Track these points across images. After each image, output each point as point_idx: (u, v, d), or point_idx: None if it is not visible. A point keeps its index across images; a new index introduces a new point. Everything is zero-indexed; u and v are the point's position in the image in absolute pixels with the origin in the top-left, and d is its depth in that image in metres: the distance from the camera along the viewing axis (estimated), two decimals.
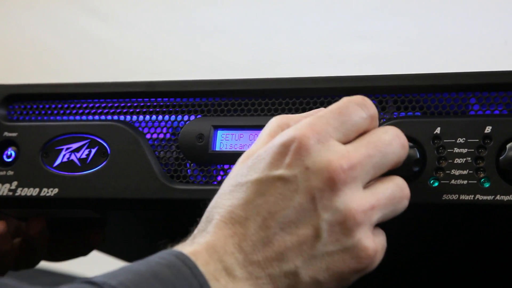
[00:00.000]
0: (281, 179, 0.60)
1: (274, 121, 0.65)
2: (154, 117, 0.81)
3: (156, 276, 0.56)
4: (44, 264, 0.98)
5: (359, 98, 0.64)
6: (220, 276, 0.58)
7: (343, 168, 0.60)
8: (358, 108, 0.63)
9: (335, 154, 0.60)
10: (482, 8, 1.48)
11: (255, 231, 0.59)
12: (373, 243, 0.61)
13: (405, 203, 0.64)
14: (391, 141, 0.63)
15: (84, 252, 0.93)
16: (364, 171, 0.61)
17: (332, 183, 0.59)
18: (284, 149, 0.61)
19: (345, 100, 0.64)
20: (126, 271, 0.57)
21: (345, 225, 0.59)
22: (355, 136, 0.63)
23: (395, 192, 0.63)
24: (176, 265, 0.57)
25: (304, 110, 0.76)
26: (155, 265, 0.58)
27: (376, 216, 0.61)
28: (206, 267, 0.58)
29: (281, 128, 0.64)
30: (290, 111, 0.76)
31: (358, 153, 0.61)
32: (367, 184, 0.62)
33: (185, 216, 0.83)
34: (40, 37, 1.81)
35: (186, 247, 0.60)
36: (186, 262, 0.58)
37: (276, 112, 0.77)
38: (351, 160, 0.60)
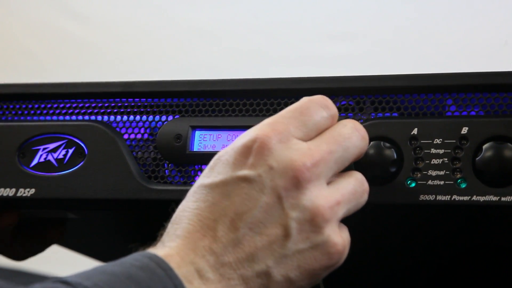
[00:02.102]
0: (246, 179, 0.60)
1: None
2: (131, 117, 0.81)
3: (131, 277, 0.56)
4: (19, 265, 0.97)
5: (320, 98, 0.65)
6: (193, 278, 0.58)
7: (306, 166, 0.60)
8: (319, 107, 0.64)
9: (298, 152, 0.61)
10: (482, 8, 1.49)
11: (224, 233, 0.59)
12: (341, 238, 0.62)
13: (365, 197, 0.65)
14: (351, 135, 0.64)
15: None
16: (327, 167, 0.62)
17: (297, 181, 0.60)
18: (246, 150, 0.61)
19: (306, 100, 0.65)
20: (100, 272, 0.57)
21: (314, 222, 0.60)
22: (316, 134, 0.64)
23: (356, 186, 0.64)
24: (150, 267, 0.57)
25: (280, 111, 0.76)
26: (130, 267, 0.57)
27: (342, 211, 0.62)
28: (180, 270, 0.58)
29: None
30: (268, 112, 0.76)
31: (320, 149, 0.62)
32: (329, 180, 0.63)
33: (161, 215, 0.83)
34: (16, 37, 1.80)
35: (158, 250, 0.60)
36: (160, 264, 0.58)
37: (254, 113, 0.77)
38: (314, 158, 0.61)
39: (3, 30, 1.81)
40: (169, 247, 0.60)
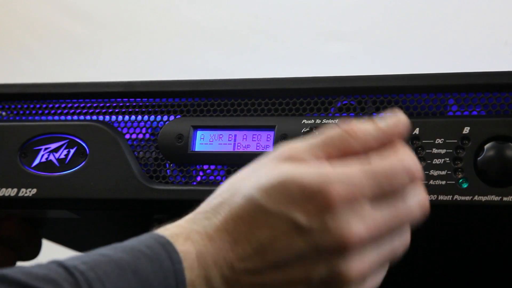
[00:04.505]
0: (296, 224, 0.58)
1: (339, 133, 0.60)
2: (133, 117, 0.81)
3: (136, 272, 0.55)
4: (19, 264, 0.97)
5: (414, 171, 0.60)
6: (199, 285, 0.57)
7: (362, 238, 0.58)
8: (407, 177, 0.60)
9: (359, 222, 0.58)
10: (482, 8, 1.49)
11: (250, 256, 0.58)
12: None
13: (400, 252, 0.62)
14: (416, 212, 0.61)
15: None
16: (380, 241, 0.59)
17: (343, 250, 0.58)
18: (312, 194, 0.58)
19: (397, 164, 0.59)
20: (107, 260, 0.56)
21: (337, 285, 0.58)
22: (388, 198, 0.59)
23: (400, 244, 0.61)
24: (161, 260, 0.56)
25: (283, 111, 0.76)
26: (140, 257, 0.56)
27: (373, 274, 0.60)
28: (190, 272, 0.57)
29: (339, 150, 0.60)
30: (269, 112, 0.77)
31: (383, 225, 0.59)
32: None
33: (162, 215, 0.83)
34: (17, 36, 1.80)
35: (180, 239, 0.58)
36: (173, 261, 0.56)
37: (256, 113, 0.77)
38: (372, 232, 0.58)
39: (3, 30, 1.81)
40: (192, 241, 0.58)
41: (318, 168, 0.58)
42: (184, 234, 0.59)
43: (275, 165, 0.60)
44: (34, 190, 0.79)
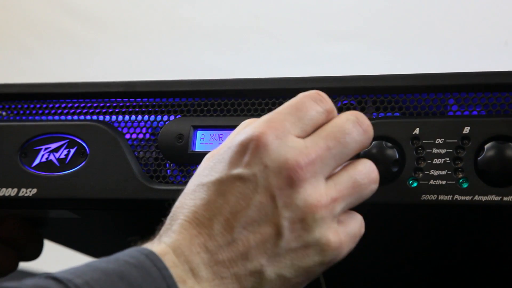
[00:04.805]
0: (241, 178, 0.61)
1: (244, 123, 0.66)
2: (133, 117, 0.81)
3: (124, 277, 0.56)
4: (27, 266, 0.97)
5: (314, 93, 0.65)
6: (187, 277, 0.58)
7: (300, 165, 0.60)
8: (314, 103, 0.64)
9: (293, 151, 0.61)
10: (482, 8, 1.49)
11: (219, 231, 0.60)
12: (337, 235, 0.61)
13: (372, 187, 0.65)
14: (351, 129, 0.64)
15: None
16: (324, 164, 0.62)
17: (290, 180, 0.60)
18: (243, 148, 0.61)
19: (300, 95, 0.65)
20: (93, 269, 0.57)
21: (305, 221, 0.60)
22: (313, 130, 0.63)
23: (360, 178, 0.63)
24: (145, 265, 0.57)
25: None
26: (124, 264, 0.58)
27: (339, 207, 0.62)
28: (174, 269, 0.58)
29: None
30: (269, 111, 0.76)
31: (317, 147, 0.62)
32: (331, 173, 0.63)
33: (162, 215, 0.83)
34: (17, 36, 1.80)
35: (155, 246, 0.60)
36: (155, 263, 0.58)
37: (256, 113, 0.77)
38: (309, 156, 0.61)
39: (3, 30, 1.81)
40: (165, 243, 0.60)
41: (239, 132, 0.64)
42: (156, 241, 0.61)
43: (203, 165, 0.65)
44: (34, 190, 0.79)
